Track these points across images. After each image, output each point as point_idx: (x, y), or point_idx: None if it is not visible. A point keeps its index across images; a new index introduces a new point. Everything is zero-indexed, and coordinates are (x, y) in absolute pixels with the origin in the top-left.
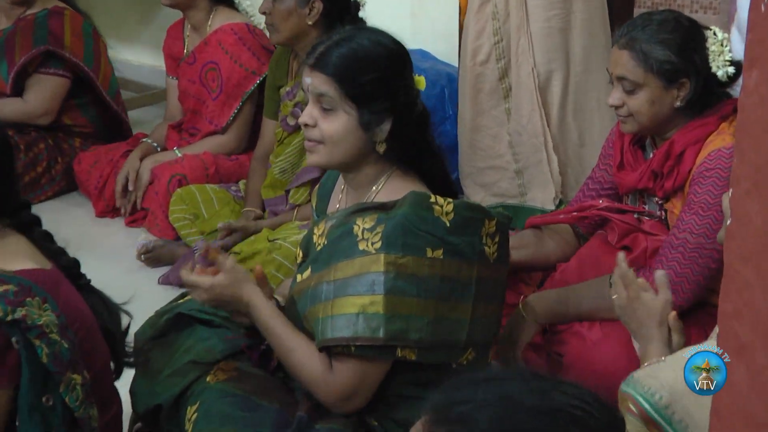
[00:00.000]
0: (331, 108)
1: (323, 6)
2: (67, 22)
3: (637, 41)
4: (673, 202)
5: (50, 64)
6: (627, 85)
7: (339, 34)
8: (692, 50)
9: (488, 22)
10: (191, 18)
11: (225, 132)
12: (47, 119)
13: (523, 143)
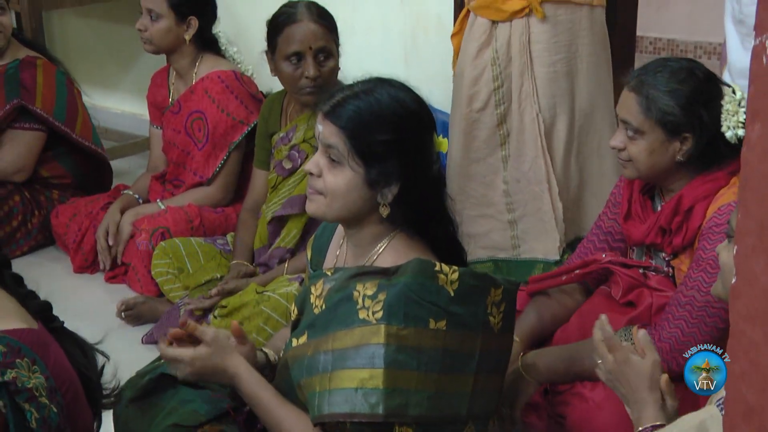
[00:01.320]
0: (338, 161)
1: None
2: (39, 73)
3: (645, 86)
4: (681, 258)
5: (24, 118)
6: (630, 129)
7: (359, 84)
8: (701, 105)
9: (487, 68)
10: (176, 65)
11: (211, 183)
12: (23, 176)
13: (521, 191)
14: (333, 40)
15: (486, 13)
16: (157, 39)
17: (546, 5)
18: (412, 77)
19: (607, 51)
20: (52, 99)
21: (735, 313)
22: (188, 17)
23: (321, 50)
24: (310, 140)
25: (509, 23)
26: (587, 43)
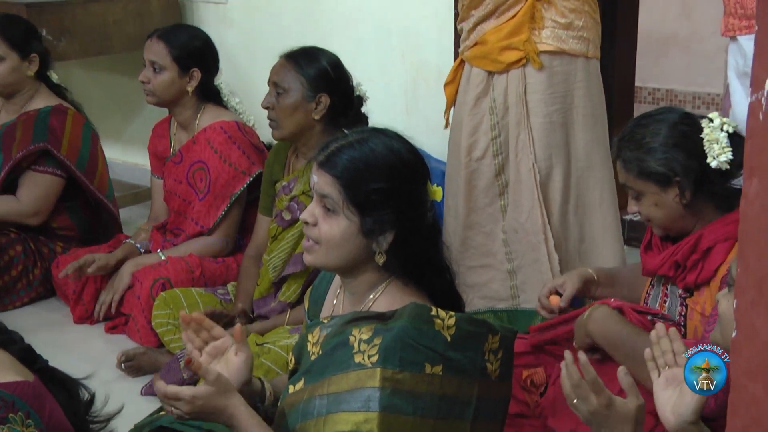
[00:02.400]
0: (333, 210)
1: (330, 100)
2: (69, 122)
3: (624, 150)
4: (696, 298)
5: (46, 162)
6: (632, 193)
7: (354, 134)
8: (676, 148)
9: (485, 117)
10: (179, 116)
11: (212, 233)
12: (39, 219)
13: (519, 241)
14: (297, 80)
15: (482, 64)
16: (160, 91)
17: (542, 56)
18: (413, 127)
19: (603, 104)
20: (77, 149)
21: (736, 368)
22: (191, 69)
23: (276, 85)
24: (309, 192)
25: (506, 74)
26: (583, 95)
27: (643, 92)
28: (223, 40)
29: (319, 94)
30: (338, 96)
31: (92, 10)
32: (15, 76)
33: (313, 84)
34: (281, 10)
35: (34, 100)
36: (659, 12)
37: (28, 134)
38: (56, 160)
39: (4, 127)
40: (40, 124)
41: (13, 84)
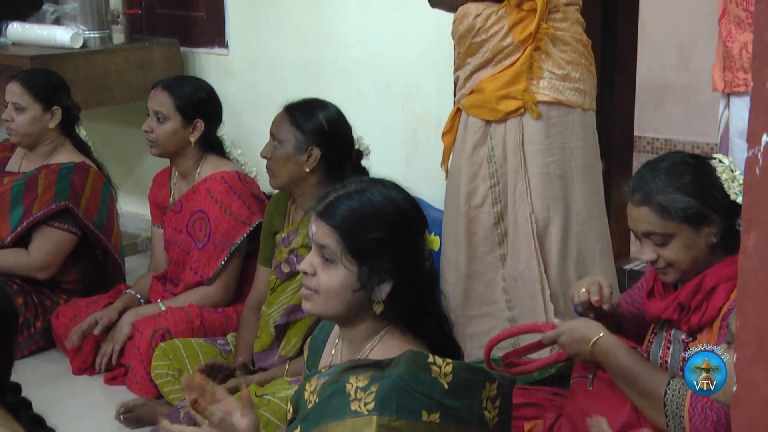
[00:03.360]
0: (331, 260)
1: (321, 153)
2: (90, 180)
3: (653, 194)
4: (699, 341)
5: (63, 219)
6: (657, 239)
7: (352, 184)
8: (708, 186)
9: (483, 165)
10: (180, 166)
11: (212, 283)
12: (48, 274)
13: (518, 290)
14: (291, 132)
15: (480, 113)
16: (163, 141)
17: (540, 106)
18: (413, 176)
19: (598, 156)
20: (96, 208)
21: (737, 422)
22: (194, 120)
23: (273, 135)
24: (308, 245)
25: (504, 123)
26: (580, 146)
27: (642, 141)
28: (225, 91)
29: (310, 146)
30: (332, 150)
31: (94, 62)
32: (36, 126)
33: (305, 137)
34: (282, 61)
35: (57, 153)
36: (657, 62)
37: (50, 191)
38: (74, 218)
39: (25, 177)
40: (62, 181)
41: (33, 135)
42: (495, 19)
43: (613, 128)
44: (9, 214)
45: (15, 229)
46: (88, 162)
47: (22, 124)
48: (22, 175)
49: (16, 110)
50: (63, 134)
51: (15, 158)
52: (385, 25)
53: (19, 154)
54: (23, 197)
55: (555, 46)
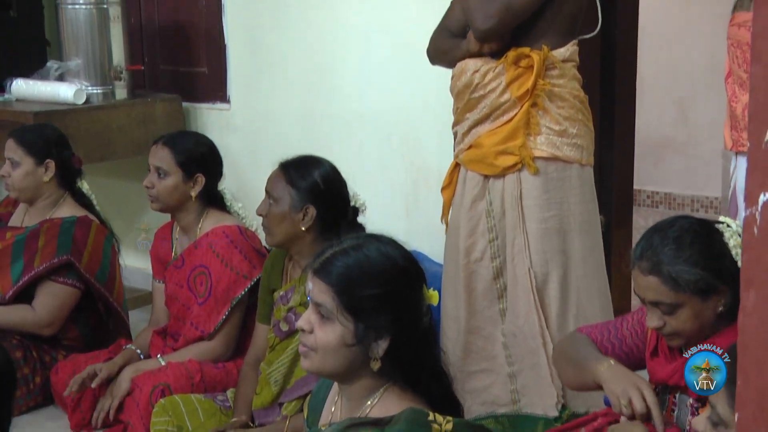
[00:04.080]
0: (327, 317)
1: (317, 211)
2: (92, 234)
3: (662, 265)
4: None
5: (66, 274)
6: (665, 308)
7: (348, 241)
8: (718, 256)
9: (482, 220)
10: (181, 221)
11: (212, 338)
12: (52, 330)
13: (518, 345)
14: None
15: (478, 168)
16: (164, 196)
17: (537, 161)
18: (414, 230)
19: (596, 211)
20: (97, 262)
21: None
22: (195, 174)
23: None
24: (306, 303)
25: (502, 178)
26: (578, 201)
27: (642, 195)
28: (227, 146)
29: (306, 205)
30: (327, 208)
31: (97, 117)
32: (29, 180)
33: (301, 195)
34: (283, 115)
35: (59, 207)
36: (656, 116)
37: (51, 245)
38: (76, 272)
39: (27, 231)
40: (63, 235)
41: (29, 189)
42: (492, 76)
43: (612, 182)
44: (10, 269)
45: (16, 283)
46: (91, 216)
47: (17, 179)
48: (24, 229)
49: (12, 165)
50: (62, 188)
51: (18, 213)
52: (386, 79)
53: (22, 209)
54: (24, 251)
55: (552, 103)
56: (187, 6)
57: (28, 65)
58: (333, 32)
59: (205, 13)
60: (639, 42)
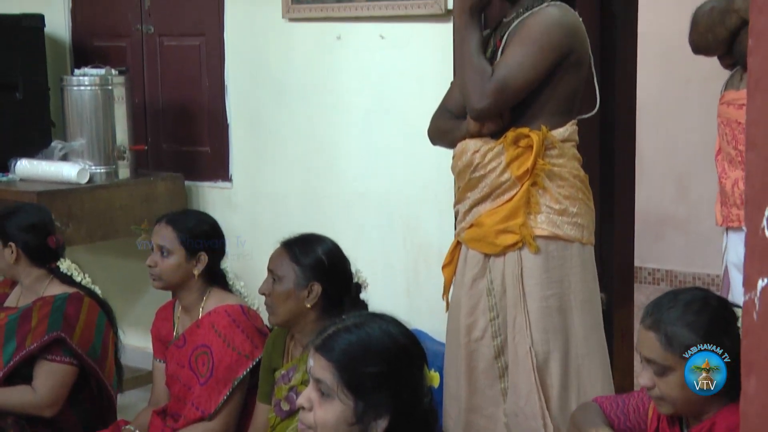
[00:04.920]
0: (327, 394)
1: (322, 288)
2: (84, 310)
3: (663, 323)
4: None
5: (60, 351)
6: (656, 368)
7: (351, 318)
8: (721, 332)
9: (483, 298)
10: (184, 300)
11: (212, 418)
12: (53, 410)
13: (519, 425)
14: (290, 268)
15: (479, 246)
16: (167, 274)
17: (538, 240)
18: (415, 309)
19: (597, 290)
20: (89, 337)
21: None
22: (198, 253)
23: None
24: (307, 381)
25: (502, 256)
26: (579, 280)
27: (643, 272)
28: (229, 224)
29: (311, 282)
30: (332, 284)
31: (99, 196)
32: (1, 262)
33: (306, 273)
34: (285, 195)
35: (48, 287)
36: (656, 193)
37: (43, 323)
38: (69, 349)
39: (20, 310)
40: (55, 313)
41: (2, 270)
42: (492, 156)
43: (613, 260)
44: (2, 349)
45: (7, 363)
46: (81, 292)
47: None
48: (17, 309)
49: None
50: (37, 267)
51: (13, 294)
52: (386, 160)
53: (17, 291)
54: (17, 331)
55: (552, 182)
56: (191, 87)
57: (33, 146)
58: (334, 113)
59: (208, 93)
60: (637, 119)
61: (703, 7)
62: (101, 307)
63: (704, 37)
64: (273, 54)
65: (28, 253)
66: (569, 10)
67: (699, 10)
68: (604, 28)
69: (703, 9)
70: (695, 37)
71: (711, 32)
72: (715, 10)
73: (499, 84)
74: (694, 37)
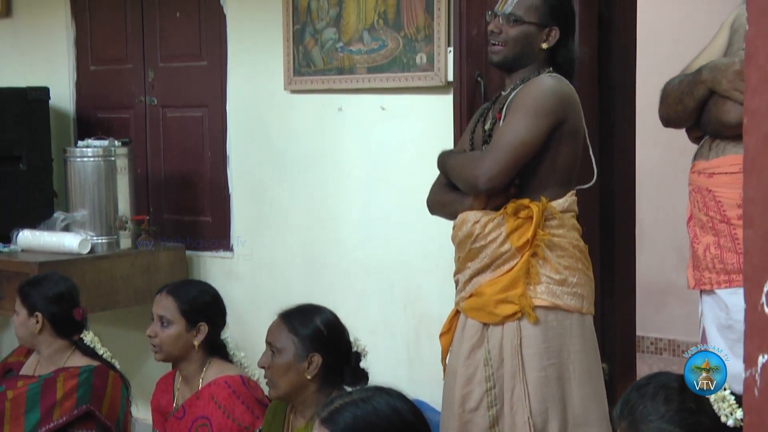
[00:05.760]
0: None
1: (323, 359)
2: (110, 383)
3: (638, 423)
4: None
5: (88, 423)
6: None
7: (357, 392)
8: (696, 412)
9: (479, 368)
10: (183, 370)
11: None
12: None
13: None
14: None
15: (478, 316)
16: (167, 345)
17: (537, 310)
18: (416, 378)
19: (598, 360)
20: (116, 410)
21: None
22: (198, 323)
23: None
24: None
25: (501, 326)
26: (578, 350)
27: (645, 342)
28: (230, 294)
29: (311, 353)
30: (332, 355)
31: (101, 266)
32: (23, 331)
33: (305, 344)
34: (286, 264)
35: (70, 358)
36: (657, 262)
37: (71, 397)
38: (97, 421)
39: (41, 380)
40: (83, 385)
41: (24, 338)
42: (493, 227)
43: (614, 330)
44: (24, 418)
45: None
46: (105, 367)
47: (16, 328)
48: (37, 378)
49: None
50: (60, 338)
51: (30, 363)
52: (387, 229)
53: (34, 359)
54: (41, 401)
55: (552, 252)
56: (193, 157)
57: (36, 216)
58: (334, 183)
59: (210, 163)
60: (637, 188)
61: (672, 81)
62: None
63: (674, 109)
64: (275, 125)
65: (53, 324)
66: (563, 80)
67: (669, 83)
68: (603, 99)
69: (673, 82)
70: (665, 110)
71: (680, 104)
72: (684, 82)
73: (497, 151)
74: (664, 109)
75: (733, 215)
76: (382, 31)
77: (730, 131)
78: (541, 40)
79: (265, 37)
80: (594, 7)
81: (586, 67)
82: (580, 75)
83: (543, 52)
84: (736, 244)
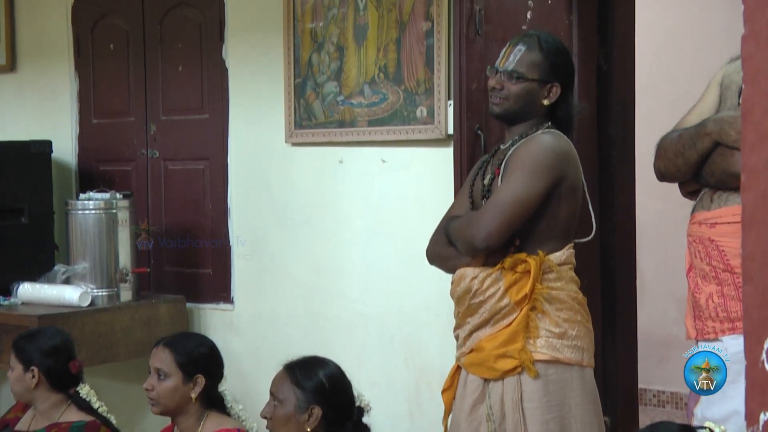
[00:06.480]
0: None
1: (322, 412)
2: None
3: None
4: None
5: None
6: None
7: None
8: None
9: (482, 424)
10: (181, 424)
11: None
12: None
13: None
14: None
15: (478, 371)
16: (164, 398)
17: (537, 364)
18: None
19: (599, 412)
20: None
21: None
22: (195, 375)
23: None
24: None
25: (501, 381)
26: (579, 403)
27: (647, 394)
28: (229, 346)
29: (311, 406)
30: (333, 408)
31: (101, 319)
32: (19, 386)
33: (306, 396)
34: (286, 316)
35: (65, 413)
36: (659, 314)
37: None
38: None
39: None
40: None
41: (19, 393)
42: (491, 282)
43: (616, 383)
44: None
45: None
46: (98, 420)
47: (10, 383)
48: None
49: None
50: (56, 392)
51: (25, 419)
52: (387, 282)
53: (30, 414)
54: None
55: (551, 305)
56: (194, 209)
57: (36, 269)
58: (335, 236)
59: (211, 216)
60: (637, 241)
61: (669, 135)
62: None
63: (673, 162)
64: (276, 177)
65: (49, 378)
66: (562, 137)
67: (665, 138)
68: (602, 151)
69: (671, 136)
70: (663, 163)
71: (681, 157)
72: (685, 135)
73: (495, 210)
74: (662, 163)
75: (736, 264)
76: (382, 85)
77: (738, 182)
78: (543, 96)
79: (266, 91)
80: (593, 61)
81: (586, 120)
82: (580, 128)
83: (544, 107)
84: (740, 292)
